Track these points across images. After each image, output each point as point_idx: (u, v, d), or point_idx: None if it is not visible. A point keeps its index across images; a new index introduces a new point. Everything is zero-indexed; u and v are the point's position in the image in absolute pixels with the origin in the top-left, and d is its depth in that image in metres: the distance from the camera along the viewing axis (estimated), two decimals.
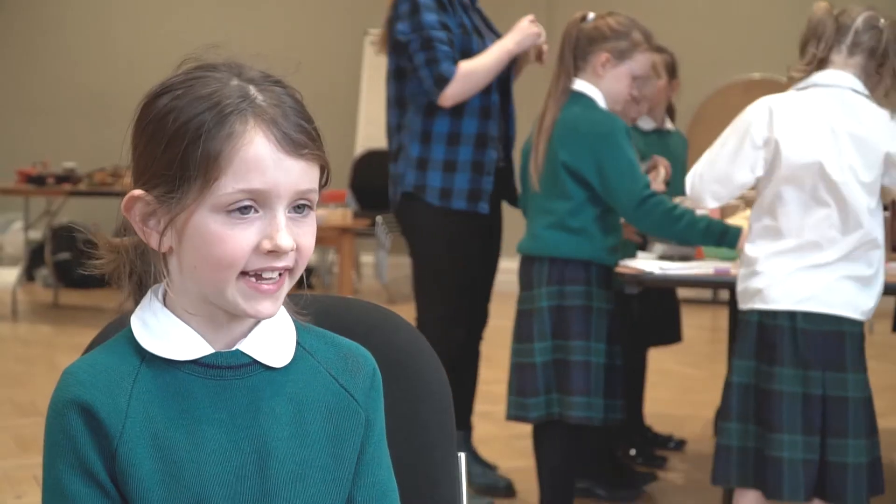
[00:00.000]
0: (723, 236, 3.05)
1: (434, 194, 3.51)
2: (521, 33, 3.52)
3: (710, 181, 2.76)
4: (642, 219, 3.11)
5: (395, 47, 3.53)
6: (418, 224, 3.58)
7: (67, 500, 1.12)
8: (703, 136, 2.81)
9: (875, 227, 2.63)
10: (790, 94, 2.71)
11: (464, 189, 3.52)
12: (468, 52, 3.50)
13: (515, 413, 3.22)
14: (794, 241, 2.64)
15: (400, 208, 3.61)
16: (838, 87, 2.67)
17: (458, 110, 3.51)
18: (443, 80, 3.42)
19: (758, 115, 2.69)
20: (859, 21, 2.69)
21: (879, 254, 2.65)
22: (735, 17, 8.22)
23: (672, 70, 4.14)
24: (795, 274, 2.62)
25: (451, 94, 3.43)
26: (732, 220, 3.18)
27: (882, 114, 2.67)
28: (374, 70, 8.55)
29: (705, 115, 7.73)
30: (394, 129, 3.62)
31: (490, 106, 3.56)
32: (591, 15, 3.26)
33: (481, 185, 3.53)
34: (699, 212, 3.10)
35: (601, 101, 3.20)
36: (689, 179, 2.82)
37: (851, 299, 2.61)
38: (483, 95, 3.52)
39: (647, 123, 4.10)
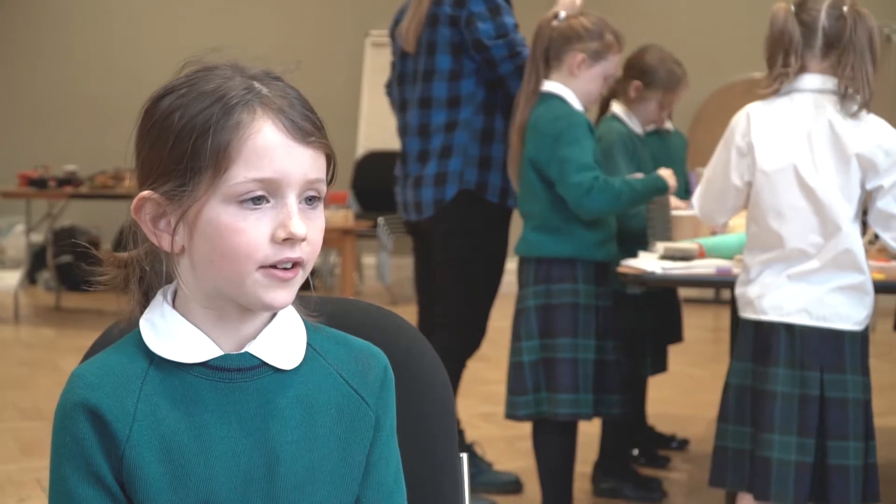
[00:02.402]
0: (656, 188, 3.23)
1: (495, 192, 3.56)
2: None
3: (712, 199, 2.78)
4: (589, 207, 3.14)
5: (461, 48, 3.51)
6: (475, 222, 3.58)
7: (74, 503, 1.12)
8: (704, 136, 2.83)
9: (852, 234, 2.56)
10: (769, 100, 2.66)
11: (513, 188, 3.58)
12: None
13: (509, 412, 3.27)
14: (781, 250, 2.60)
15: (452, 206, 3.57)
16: (815, 90, 2.60)
17: (510, 110, 3.53)
18: None
19: (738, 123, 2.68)
20: (823, 16, 2.59)
21: (864, 259, 2.59)
22: (735, 16, 8.22)
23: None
24: (786, 285, 2.59)
25: None
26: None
27: (859, 114, 2.57)
28: (375, 71, 8.55)
29: (706, 115, 7.73)
30: (439, 128, 3.59)
31: None
32: (563, 14, 3.27)
33: None
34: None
35: (573, 100, 3.23)
36: (694, 201, 2.85)
37: (842, 311, 2.57)
38: None
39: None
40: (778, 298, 2.59)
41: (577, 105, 3.23)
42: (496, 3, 3.46)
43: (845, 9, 2.59)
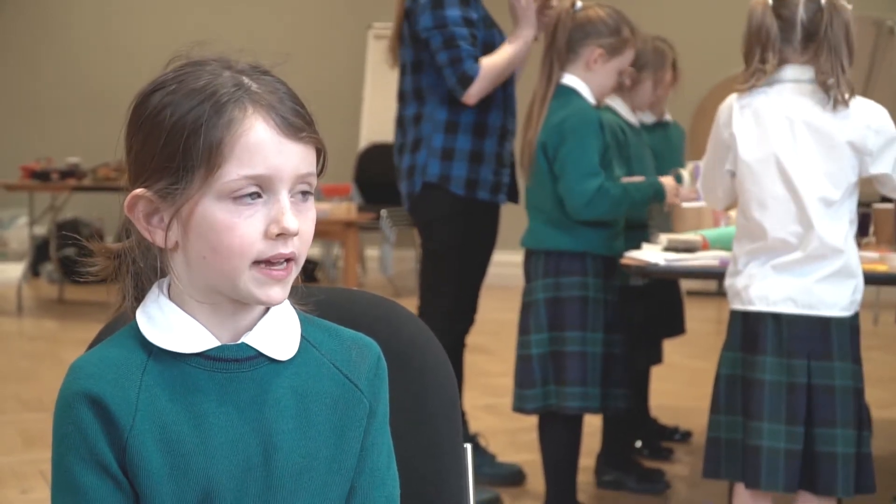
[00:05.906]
0: (655, 195, 3.30)
1: (459, 184, 3.52)
2: (529, 15, 3.46)
3: (708, 188, 2.82)
4: (586, 216, 3.18)
5: (417, 40, 3.52)
6: (440, 215, 3.56)
7: (80, 494, 1.12)
8: (706, 129, 2.81)
9: (829, 227, 2.55)
10: (752, 92, 2.66)
11: (488, 180, 3.55)
12: (491, 46, 3.51)
13: (517, 405, 3.27)
14: (765, 241, 2.60)
15: (420, 199, 3.58)
16: (798, 80, 2.61)
17: (484, 102, 3.52)
18: (467, 80, 3.42)
19: (722, 113, 2.70)
20: (802, 10, 2.59)
21: (843, 243, 2.57)
22: (737, 9, 8.21)
23: (672, 63, 4.14)
24: (771, 275, 2.59)
25: (474, 93, 3.45)
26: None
27: (840, 106, 2.56)
28: (378, 63, 8.53)
29: (708, 108, 7.69)
30: (410, 120, 3.59)
31: (509, 99, 3.57)
32: (580, 3, 3.27)
33: (502, 177, 3.58)
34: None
35: (588, 95, 3.25)
36: (699, 187, 2.87)
37: (827, 298, 2.57)
38: (506, 87, 3.55)
39: (648, 117, 4.10)
40: (763, 288, 2.60)
41: (591, 100, 3.24)
42: None
43: (823, 2, 2.59)
